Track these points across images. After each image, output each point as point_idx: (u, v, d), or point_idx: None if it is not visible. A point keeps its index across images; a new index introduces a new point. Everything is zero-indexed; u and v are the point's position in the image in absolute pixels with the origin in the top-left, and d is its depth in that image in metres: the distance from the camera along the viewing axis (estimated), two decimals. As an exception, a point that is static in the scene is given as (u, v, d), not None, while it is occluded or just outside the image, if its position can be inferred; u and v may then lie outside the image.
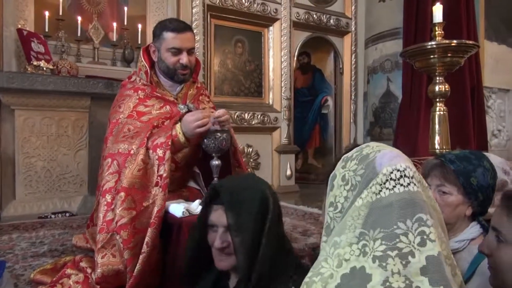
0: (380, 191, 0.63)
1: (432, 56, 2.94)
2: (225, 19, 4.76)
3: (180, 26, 1.87)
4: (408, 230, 0.58)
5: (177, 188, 1.98)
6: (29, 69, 3.27)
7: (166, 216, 1.62)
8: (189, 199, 1.90)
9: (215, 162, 1.77)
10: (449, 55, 2.92)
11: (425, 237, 0.57)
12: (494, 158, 1.85)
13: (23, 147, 3.33)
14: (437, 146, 3.07)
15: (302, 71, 6.33)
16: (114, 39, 4.02)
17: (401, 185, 0.62)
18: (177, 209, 1.61)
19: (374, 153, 0.68)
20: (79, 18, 3.78)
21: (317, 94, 6.23)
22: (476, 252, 1.17)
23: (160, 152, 1.64)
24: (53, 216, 3.28)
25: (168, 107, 1.89)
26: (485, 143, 4.78)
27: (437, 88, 3.04)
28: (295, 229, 3.03)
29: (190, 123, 1.69)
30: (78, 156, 3.55)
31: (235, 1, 4.73)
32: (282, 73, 5.14)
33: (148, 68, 1.92)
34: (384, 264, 0.56)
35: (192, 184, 2.13)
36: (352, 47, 5.82)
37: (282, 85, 5.15)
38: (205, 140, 1.72)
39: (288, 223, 3.27)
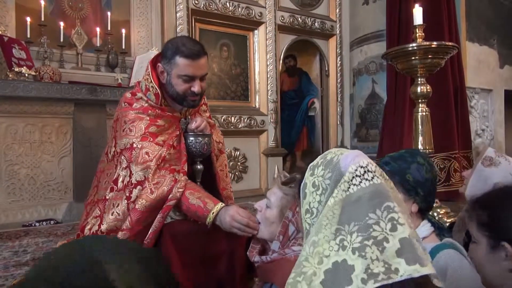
0: (349, 188, 0.68)
1: (413, 58, 2.97)
2: (209, 23, 4.77)
3: (194, 52, 1.71)
4: (379, 219, 0.64)
5: None
6: (10, 75, 3.23)
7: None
8: None
9: (198, 166, 1.77)
10: (429, 56, 2.96)
11: (395, 222, 0.64)
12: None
13: (6, 155, 3.28)
14: (420, 146, 3.11)
15: (288, 74, 6.35)
16: (98, 44, 3.99)
17: (366, 179, 0.69)
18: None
19: (337, 156, 0.74)
20: (62, 24, 3.74)
21: (303, 96, 6.26)
22: (429, 250, 1.18)
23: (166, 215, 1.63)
24: (37, 224, 3.24)
25: (174, 126, 1.83)
26: (469, 143, 4.84)
27: (419, 89, 3.08)
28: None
29: (231, 222, 1.50)
30: (62, 162, 3.51)
31: (220, 5, 4.74)
32: (268, 76, 5.16)
33: (158, 90, 1.75)
34: (363, 253, 0.61)
35: None
36: (337, 50, 5.87)
37: (269, 88, 5.17)
38: (185, 145, 1.72)
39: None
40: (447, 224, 2.49)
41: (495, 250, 0.92)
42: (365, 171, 0.69)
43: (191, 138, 1.72)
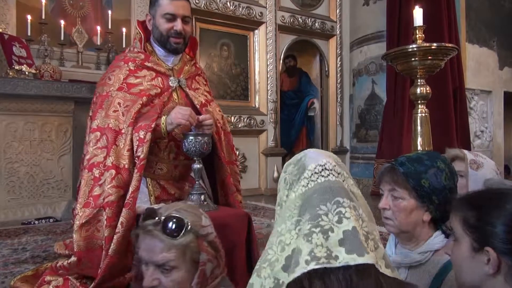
0: (308, 183, 0.77)
1: (413, 59, 2.98)
2: (210, 23, 4.78)
3: None
4: (328, 211, 0.71)
5: (180, 180, 1.96)
6: (10, 73, 3.23)
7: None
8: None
9: (197, 165, 1.77)
10: (429, 58, 2.96)
11: (341, 215, 0.71)
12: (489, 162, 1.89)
13: (6, 153, 3.28)
14: (419, 147, 3.11)
15: (288, 74, 6.36)
16: (98, 43, 3.99)
17: (322, 176, 0.77)
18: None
19: (304, 155, 0.83)
20: (62, 22, 3.75)
21: (303, 96, 6.27)
22: (441, 264, 1.13)
23: (141, 133, 1.64)
24: (36, 222, 3.24)
25: (159, 78, 1.84)
26: (468, 144, 4.86)
27: (418, 90, 3.09)
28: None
29: (176, 114, 1.67)
30: (62, 161, 3.51)
31: (220, 5, 4.74)
32: (268, 76, 5.17)
33: (142, 35, 1.87)
34: (310, 239, 0.69)
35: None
36: (338, 50, 5.88)
37: (268, 88, 5.18)
38: (186, 144, 1.72)
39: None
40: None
41: (477, 253, 0.89)
42: (322, 169, 0.77)
43: (191, 137, 1.71)
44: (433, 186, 1.15)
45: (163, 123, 1.68)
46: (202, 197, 1.75)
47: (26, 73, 3.29)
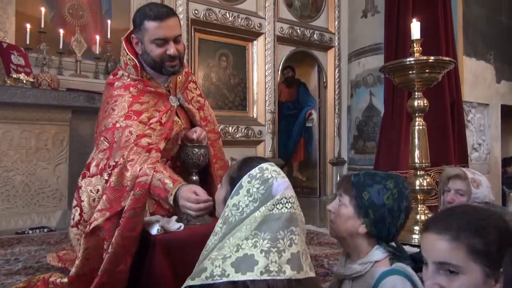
0: (272, 209, 0.96)
1: (410, 72, 2.99)
2: (209, 33, 4.80)
3: (162, 13, 1.64)
4: (284, 236, 0.93)
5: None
6: (8, 81, 3.23)
7: (143, 231, 1.59)
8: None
9: (193, 177, 1.76)
10: (427, 71, 2.98)
11: (292, 241, 0.94)
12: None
13: (1, 161, 3.26)
14: (416, 160, 3.11)
15: (286, 84, 6.39)
16: (97, 52, 4.00)
17: (286, 208, 0.97)
18: (152, 225, 1.58)
19: (273, 179, 1.00)
20: (61, 31, 3.76)
21: (301, 107, 6.28)
22: (377, 275, 1.14)
23: (138, 193, 1.52)
24: (30, 231, 3.21)
25: (161, 102, 1.76)
26: (466, 157, 4.85)
27: (416, 103, 3.10)
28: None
29: (186, 203, 1.47)
30: (58, 170, 3.49)
31: (219, 16, 4.77)
32: (267, 86, 5.18)
33: (136, 61, 1.71)
34: (267, 256, 0.90)
35: None
36: (336, 62, 5.91)
37: (267, 98, 5.19)
38: (181, 155, 1.71)
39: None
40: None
41: (489, 279, 0.87)
42: (287, 201, 0.97)
43: (188, 150, 1.71)
44: (372, 200, 1.19)
45: (171, 195, 1.50)
46: (197, 211, 1.73)
47: (24, 81, 3.29)
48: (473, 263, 0.88)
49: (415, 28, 3.01)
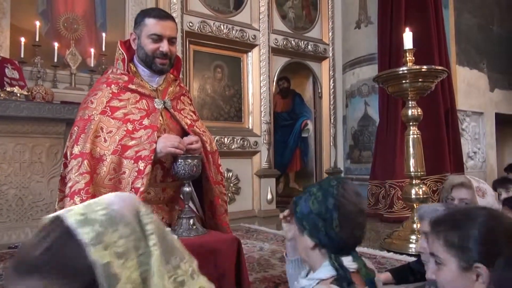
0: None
1: (404, 81, 3.01)
2: (204, 45, 4.82)
3: (162, 14, 1.81)
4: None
5: (169, 203, 1.90)
6: (2, 95, 3.22)
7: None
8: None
9: (186, 188, 1.74)
10: (420, 80, 3.00)
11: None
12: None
13: (-6, 175, 3.24)
14: (412, 169, 3.11)
15: (282, 95, 6.41)
16: (92, 65, 4.01)
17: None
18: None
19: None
20: (56, 44, 3.77)
21: (297, 118, 6.30)
22: None
23: (141, 165, 1.59)
24: (23, 246, 3.16)
25: (144, 101, 1.79)
26: (461, 165, 4.87)
27: (410, 112, 3.11)
28: (274, 255, 2.99)
29: (165, 143, 1.65)
30: (52, 183, 3.46)
31: (214, 28, 4.80)
32: (262, 97, 5.20)
33: (125, 56, 1.82)
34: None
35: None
36: (330, 72, 5.95)
37: (262, 109, 5.20)
38: (175, 166, 1.70)
39: (267, 248, 3.23)
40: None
41: (466, 272, 0.91)
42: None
43: (180, 160, 1.69)
44: (302, 211, 1.14)
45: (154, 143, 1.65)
46: (191, 221, 1.71)
47: (18, 94, 3.27)
48: (449, 255, 0.93)
49: (408, 38, 3.03)
